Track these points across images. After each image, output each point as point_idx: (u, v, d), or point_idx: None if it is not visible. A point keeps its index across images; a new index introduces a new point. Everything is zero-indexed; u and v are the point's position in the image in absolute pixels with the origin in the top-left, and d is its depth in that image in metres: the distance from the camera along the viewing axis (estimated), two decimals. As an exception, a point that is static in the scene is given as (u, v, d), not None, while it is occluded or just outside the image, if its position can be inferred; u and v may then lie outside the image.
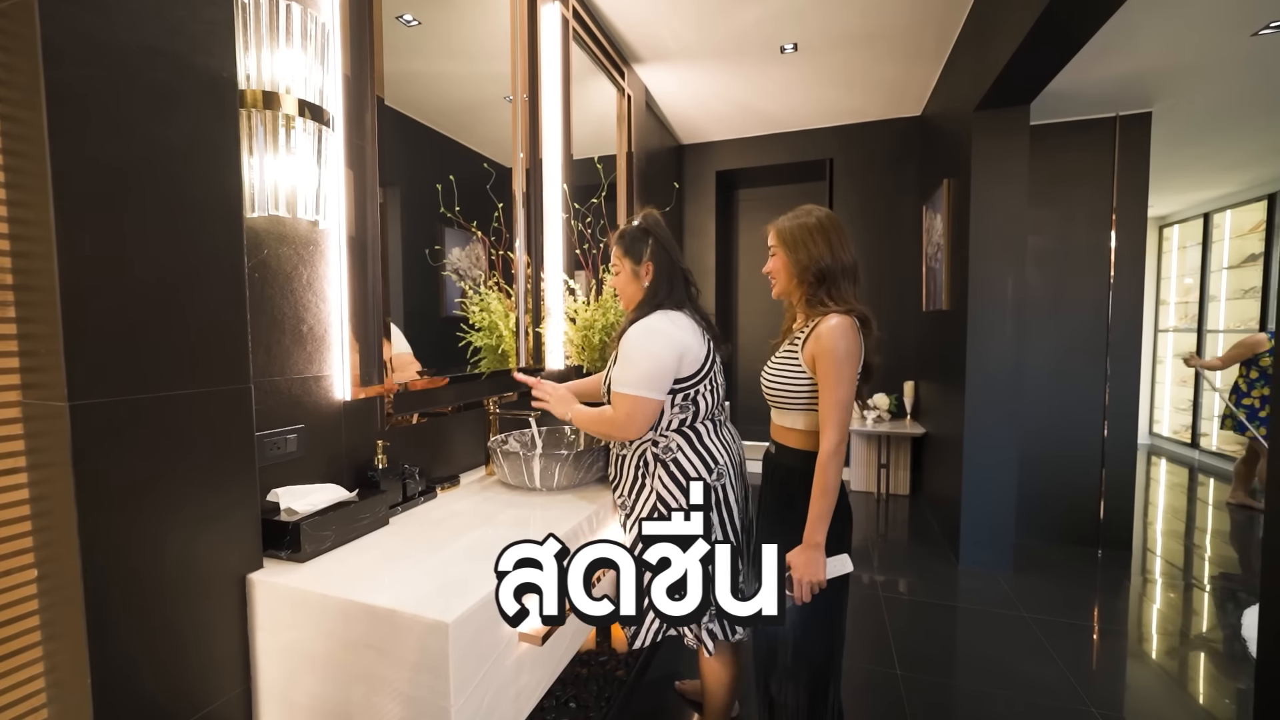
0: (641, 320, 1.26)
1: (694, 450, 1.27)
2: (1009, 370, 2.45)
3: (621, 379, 1.22)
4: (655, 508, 1.27)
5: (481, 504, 1.30)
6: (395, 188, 1.41)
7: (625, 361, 1.23)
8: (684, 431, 1.28)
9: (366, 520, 1.10)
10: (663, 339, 1.22)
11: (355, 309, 1.19)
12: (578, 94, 2.33)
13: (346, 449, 1.19)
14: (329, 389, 1.15)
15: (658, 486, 1.27)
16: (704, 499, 1.23)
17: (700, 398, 1.27)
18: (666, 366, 1.21)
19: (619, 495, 1.34)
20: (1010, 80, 2.11)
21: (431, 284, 1.61)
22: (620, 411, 1.21)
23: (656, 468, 1.27)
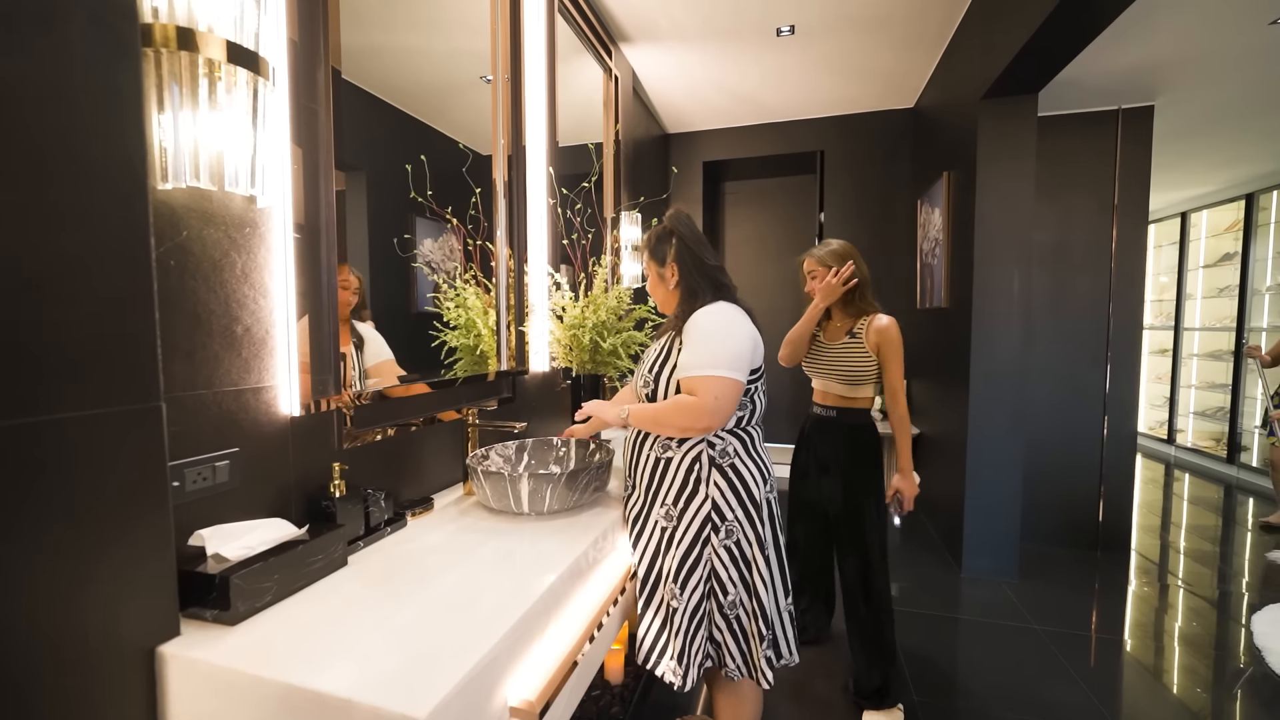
0: (709, 307, 1.16)
1: (750, 456, 1.18)
2: (1015, 372, 2.36)
3: (700, 361, 1.10)
4: (709, 519, 1.15)
5: (460, 533, 1.11)
6: (361, 172, 1.25)
7: (703, 342, 1.11)
8: (738, 434, 1.18)
9: (319, 563, 0.91)
10: (739, 324, 1.15)
11: (305, 306, 0.99)
12: (562, 75, 2.14)
13: (296, 475, 0.99)
14: (272, 403, 0.95)
15: (714, 495, 1.15)
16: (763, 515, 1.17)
17: (757, 396, 1.20)
18: (746, 350, 1.12)
19: (660, 505, 1.20)
20: (1023, 67, 2.01)
21: (401, 277, 1.42)
22: (707, 395, 1.07)
23: (712, 473, 1.16)
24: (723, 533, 1.14)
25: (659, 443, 1.20)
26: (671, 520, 1.17)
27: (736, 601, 1.16)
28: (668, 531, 1.18)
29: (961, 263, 2.53)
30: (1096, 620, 2.18)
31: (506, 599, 0.85)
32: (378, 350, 1.33)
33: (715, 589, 1.16)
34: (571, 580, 1.00)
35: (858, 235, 3.76)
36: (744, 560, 1.15)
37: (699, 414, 1.08)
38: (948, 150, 2.76)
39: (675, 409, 1.12)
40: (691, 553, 1.15)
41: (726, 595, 1.15)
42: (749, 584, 1.15)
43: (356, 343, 1.26)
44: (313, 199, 1.01)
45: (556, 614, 0.94)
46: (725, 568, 1.15)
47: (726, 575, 1.15)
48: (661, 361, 1.20)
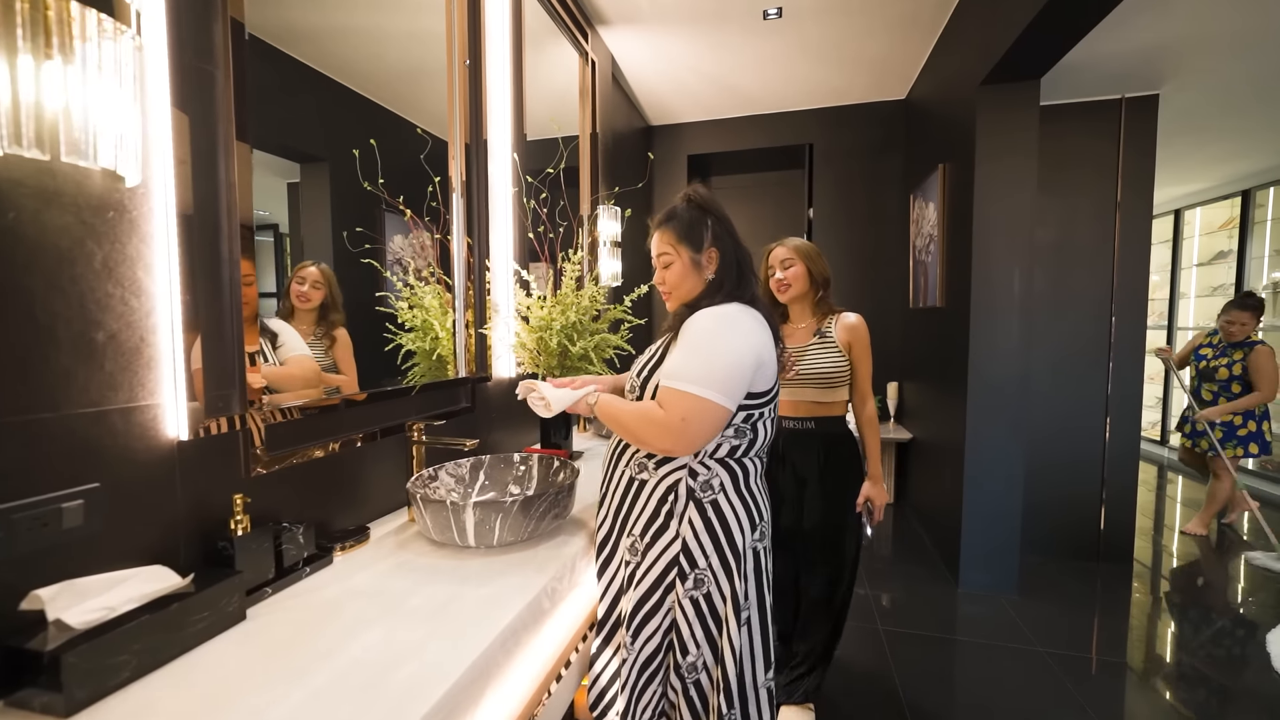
0: (715, 307, 0.97)
1: (738, 493, 0.98)
2: (1015, 376, 2.23)
3: (683, 372, 0.91)
4: (677, 562, 0.96)
5: (391, 574, 0.95)
6: (323, 163, 1.16)
7: (693, 350, 0.92)
8: (730, 465, 0.98)
9: (204, 621, 0.74)
10: (745, 335, 0.94)
11: (196, 308, 0.82)
12: (534, 60, 1.98)
13: (187, 511, 0.83)
14: (152, 425, 0.78)
15: (685, 533, 0.96)
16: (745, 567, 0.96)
17: (762, 424, 1.00)
18: (744, 369, 0.93)
19: (627, 534, 1.02)
20: (1025, 50, 1.87)
21: (368, 277, 1.28)
22: (674, 412, 0.89)
23: (688, 507, 0.96)
24: (690, 581, 0.95)
25: (635, 459, 1.02)
26: (636, 554, 1.00)
27: (698, 665, 0.96)
28: (630, 567, 1.01)
29: (958, 260, 2.40)
30: (1104, 642, 2.06)
31: (431, 668, 0.69)
32: (293, 346, 1.17)
33: (674, 644, 0.97)
34: (521, 632, 0.84)
35: (846, 231, 3.63)
36: (713, 618, 0.96)
37: (660, 432, 0.91)
38: (943, 141, 2.63)
39: (638, 416, 0.94)
40: (651, 597, 0.97)
41: (686, 655, 0.96)
42: (716, 647, 0.96)
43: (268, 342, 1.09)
44: (207, 179, 0.84)
45: (501, 674, 0.79)
46: (688, 623, 0.95)
47: (689, 631, 0.95)
48: (653, 365, 1.01)
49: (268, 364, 1.06)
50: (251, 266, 0.91)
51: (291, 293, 1.18)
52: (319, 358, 1.21)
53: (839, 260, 3.65)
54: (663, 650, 0.99)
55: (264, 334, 1.08)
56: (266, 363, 1.06)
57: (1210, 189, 4.45)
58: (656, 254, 1.07)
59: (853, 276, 3.64)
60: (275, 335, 1.13)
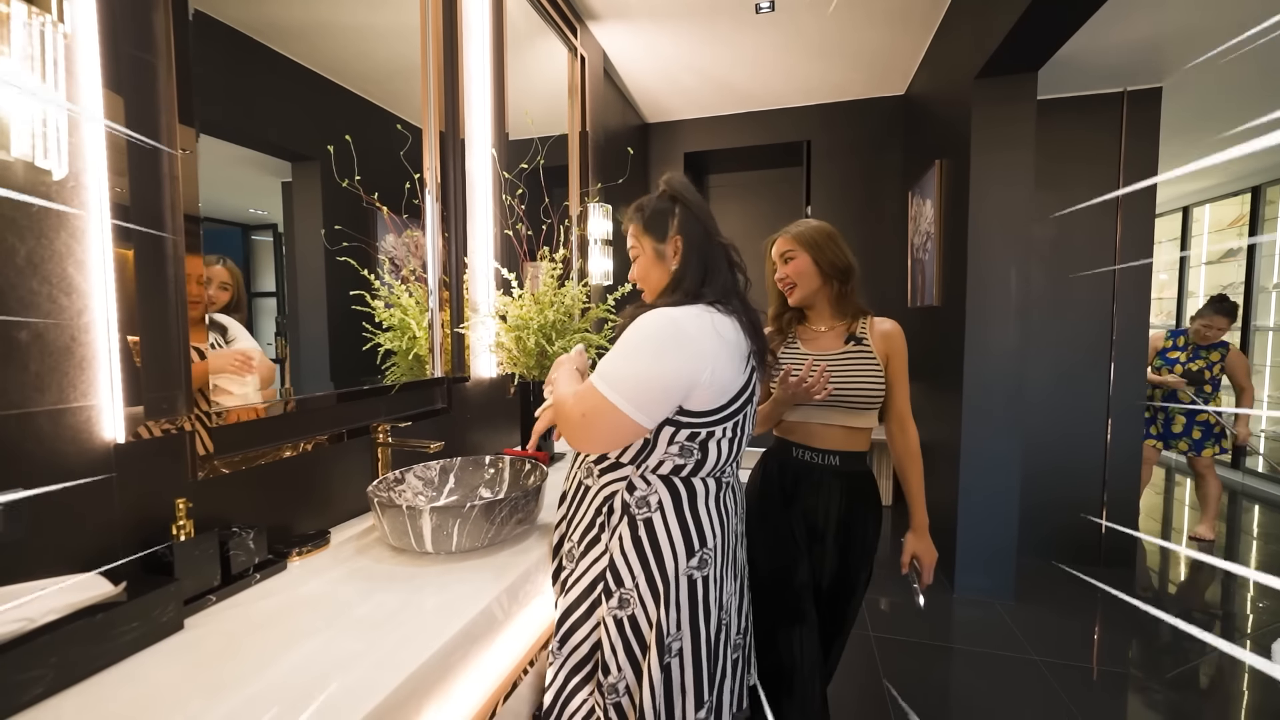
0: (667, 309, 0.86)
1: (679, 516, 0.88)
2: (1011, 375, 2.18)
3: (605, 369, 0.84)
4: (603, 578, 0.88)
5: (344, 581, 0.92)
6: (314, 162, 1.14)
7: (620, 349, 0.85)
8: (674, 484, 0.89)
9: (135, 632, 0.71)
10: (684, 347, 0.83)
11: (132, 304, 0.79)
12: (521, 56, 1.95)
13: (125, 516, 0.80)
14: (85, 428, 0.75)
15: (614, 549, 0.88)
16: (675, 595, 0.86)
17: (715, 444, 0.89)
18: (668, 386, 0.82)
19: (568, 539, 0.97)
20: (1022, 40, 1.82)
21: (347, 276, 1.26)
22: (578, 406, 0.84)
23: (621, 523, 0.88)
24: (615, 600, 0.87)
25: (584, 463, 0.98)
26: (571, 560, 0.95)
27: (619, 687, 0.87)
28: (565, 571, 0.96)
29: (954, 258, 2.34)
30: (1103, 649, 2.00)
31: (363, 682, 0.66)
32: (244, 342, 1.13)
33: (599, 660, 0.89)
34: (470, 643, 0.81)
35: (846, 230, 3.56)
36: (638, 640, 0.87)
37: (563, 422, 0.88)
38: (940, 136, 2.57)
39: (560, 397, 0.91)
40: (579, 606, 0.91)
41: (608, 675, 0.87)
42: (639, 670, 0.87)
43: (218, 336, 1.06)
44: (146, 173, 0.81)
45: (444, 688, 0.76)
46: (610, 642, 0.87)
47: (611, 651, 0.87)
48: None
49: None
50: (198, 262, 0.88)
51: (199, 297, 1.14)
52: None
53: (837, 259, 3.59)
54: (589, 662, 0.92)
55: (212, 328, 1.05)
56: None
57: (1219, 185, 4.36)
58: (629, 247, 1.02)
59: (851, 275, 3.58)
60: (224, 329, 1.10)
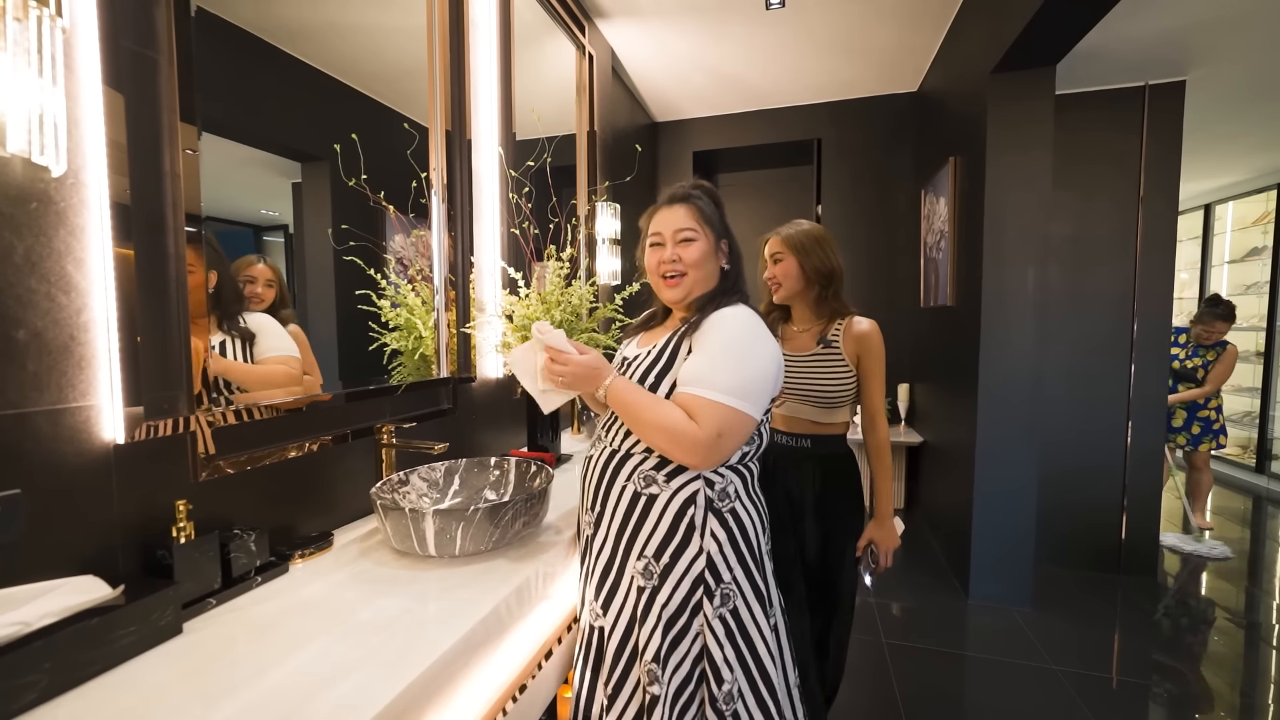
0: (734, 309, 0.92)
1: (749, 496, 0.96)
2: (1028, 376, 2.13)
3: (712, 379, 0.85)
4: (703, 580, 0.90)
5: (345, 586, 0.91)
6: (323, 163, 1.14)
7: (722, 354, 0.86)
8: (740, 470, 0.96)
9: (132, 636, 0.70)
10: (767, 342, 0.91)
11: (132, 303, 0.78)
12: (529, 55, 1.93)
13: (124, 517, 0.79)
14: (84, 428, 0.75)
15: (710, 548, 0.90)
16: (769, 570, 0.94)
17: (764, 428, 0.99)
18: (770, 379, 0.90)
19: (638, 557, 0.92)
20: (1039, 33, 1.77)
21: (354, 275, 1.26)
22: (710, 426, 0.83)
23: (709, 519, 0.91)
24: (718, 598, 0.89)
25: (641, 473, 0.94)
26: (652, 578, 0.91)
27: (735, 692, 0.88)
28: (646, 593, 0.91)
29: (969, 257, 2.30)
30: (1124, 658, 1.95)
31: (360, 692, 0.64)
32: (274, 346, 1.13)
33: (707, 673, 0.89)
34: (471, 652, 0.79)
35: (856, 229, 3.53)
36: (743, 634, 0.90)
37: (691, 447, 0.84)
38: (954, 133, 2.53)
39: (665, 421, 0.85)
40: (677, 621, 0.89)
41: (722, 684, 0.87)
42: (746, 665, 0.90)
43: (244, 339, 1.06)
44: (147, 169, 0.80)
45: (442, 699, 0.74)
46: (721, 646, 0.88)
47: (722, 656, 0.88)
48: (663, 365, 0.92)
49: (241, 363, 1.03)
50: (199, 259, 0.87)
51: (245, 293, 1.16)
52: None
53: (848, 258, 3.54)
54: (693, 681, 0.91)
55: (236, 331, 1.05)
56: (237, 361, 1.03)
57: (1243, 182, 4.25)
58: (675, 230, 0.97)
59: (863, 275, 3.54)
60: (253, 335, 1.10)
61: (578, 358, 0.95)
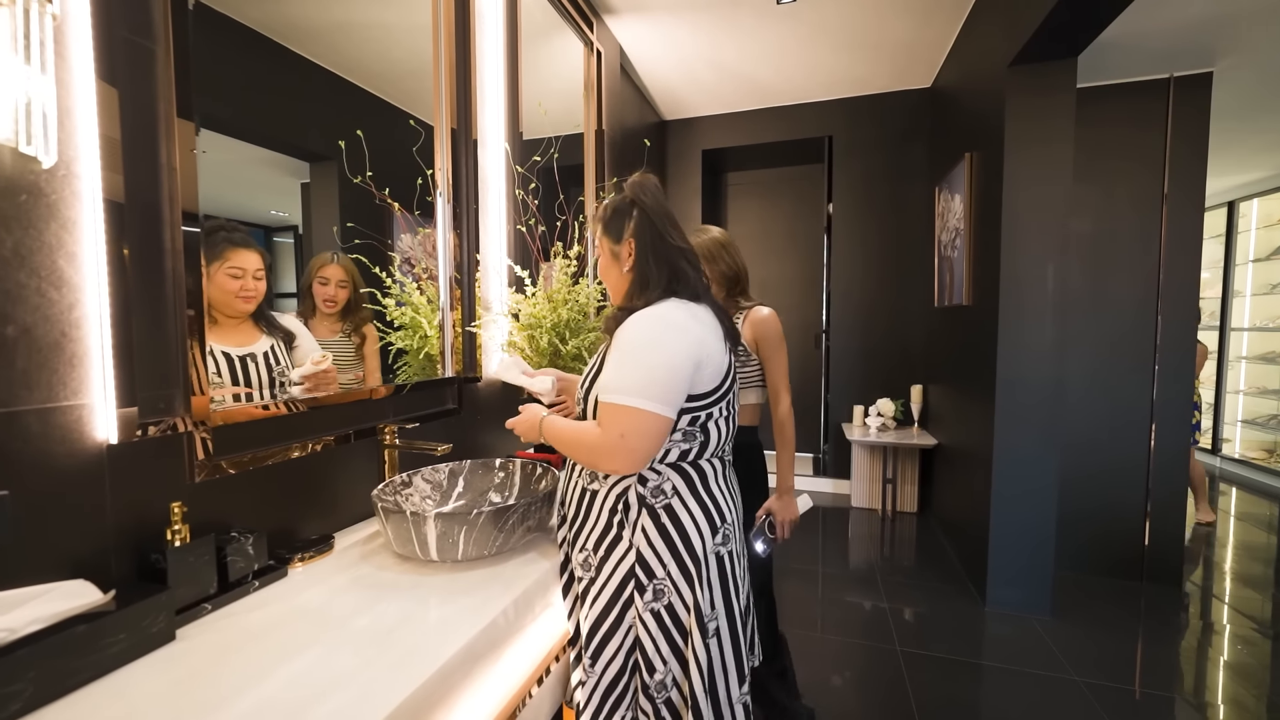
0: (647, 308, 0.89)
1: (695, 497, 0.91)
2: (1048, 377, 2.07)
3: (616, 384, 0.85)
4: (633, 574, 0.89)
5: (344, 591, 0.88)
6: (332, 162, 1.13)
7: (624, 359, 0.86)
8: (683, 468, 0.91)
9: (122, 644, 0.68)
10: (678, 334, 0.86)
11: (127, 299, 0.76)
12: (536, 52, 1.91)
13: (118, 520, 0.77)
14: (76, 427, 0.72)
15: (640, 543, 0.89)
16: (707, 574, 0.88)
17: (713, 424, 0.92)
18: (682, 372, 0.85)
19: (579, 549, 0.95)
20: (1060, 23, 1.72)
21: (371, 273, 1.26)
22: (611, 431, 0.83)
23: (641, 515, 0.89)
24: (649, 593, 0.88)
25: (587, 470, 0.96)
26: (589, 570, 0.93)
27: (667, 682, 0.88)
28: (582, 583, 0.94)
29: (986, 255, 2.24)
30: (1148, 670, 1.88)
31: (357, 704, 0.61)
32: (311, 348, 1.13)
33: (640, 663, 0.89)
34: (474, 661, 0.76)
35: (869, 228, 3.47)
36: (678, 629, 0.88)
37: (602, 453, 0.84)
38: (970, 128, 2.47)
39: (579, 438, 0.89)
40: (609, 614, 0.90)
41: (654, 673, 0.87)
42: (684, 660, 0.88)
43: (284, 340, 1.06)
44: (142, 161, 0.78)
45: (445, 710, 0.71)
46: (652, 638, 0.87)
47: (654, 648, 0.87)
48: (593, 377, 0.95)
49: (278, 365, 1.02)
50: (197, 257, 0.85)
51: (315, 294, 1.16)
52: (348, 358, 1.18)
53: (861, 257, 3.50)
54: (627, 671, 0.90)
55: (276, 332, 1.05)
56: (278, 365, 1.02)
57: (1269, 178, 4.14)
58: (594, 246, 1.02)
59: (875, 274, 3.48)
60: (291, 335, 1.09)
61: (519, 419, 1.03)
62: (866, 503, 3.42)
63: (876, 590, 2.37)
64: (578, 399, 0.99)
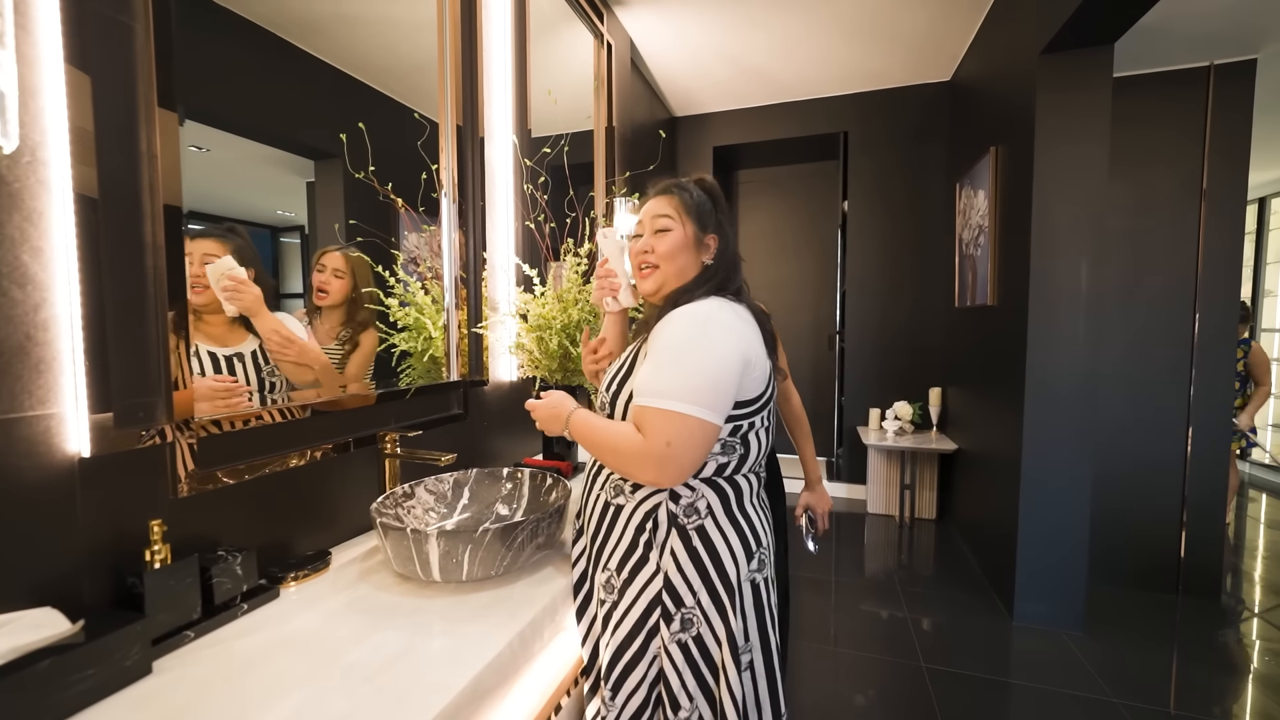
0: (693, 304, 0.82)
1: (730, 517, 0.83)
2: (1080, 380, 1.97)
3: (660, 386, 0.76)
4: (659, 601, 0.81)
5: (340, 616, 0.81)
6: (336, 159, 1.10)
7: (668, 358, 0.78)
8: (719, 485, 0.84)
9: (91, 680, 0.61)
10: (727, 333, 0.79)
11: (102, 299, 0.69)
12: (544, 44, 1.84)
13: (91, 540, 0.70)
14: (44, 439, 0.66)
15: (668, 567, 0.81)
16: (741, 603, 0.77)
17: (754, 435, 0.84)
18: (732, 374, 0.77)
19: (602, 568, 0.87)
20: (1097, 8, 1.62)
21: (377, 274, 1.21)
22: (656, 439, 0.74)
23: (671, 536, 0.82)
24: (676, 622, 0.80)
25: (611, 481, 0.88)
26: (612, 592, 0.85)
27: None
28: (605, 606, 0.86)
29: (1013, 253, 2.14)
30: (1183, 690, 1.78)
31: (345, 757, 0.54)
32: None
33: (663, 698, 0.81)
34: (479, 699, 0.69)
35: (884, 226, 3.38)
36: (707, 664, 0.81)
37: (641, 462, 0.76)
38: (995, 121, 2.37)
39: (615, 441, 0.80)
40: (631, 643, 0.82)
41: (678, 710, 0.80)
42: (713, 699, 0.80)
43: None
44: (119, 150, 0.71)
45: (446, 757, 0.63)
46: (678, 671, 0.80)
47: (679, 682, 0.79)
48: (623, 375, 0.87)
49: (267, 365, 0.96)
50: (180, 253, 0.78)
51: (312, 283, 1.10)
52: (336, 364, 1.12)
53: (876, 256, 3.41)
54: (650, 705, 0.83)
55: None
56: (267, 364, 0.96)
57: (1302, 174, 3.99)
58: (651, 217, 0.91)
59: (891, 273, 3.39)
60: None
61: (540, 402, 0.93)
62: (883, 509, 3.32)
63: (897, 601, 2.28)
64: (602, 400, 0.91)
